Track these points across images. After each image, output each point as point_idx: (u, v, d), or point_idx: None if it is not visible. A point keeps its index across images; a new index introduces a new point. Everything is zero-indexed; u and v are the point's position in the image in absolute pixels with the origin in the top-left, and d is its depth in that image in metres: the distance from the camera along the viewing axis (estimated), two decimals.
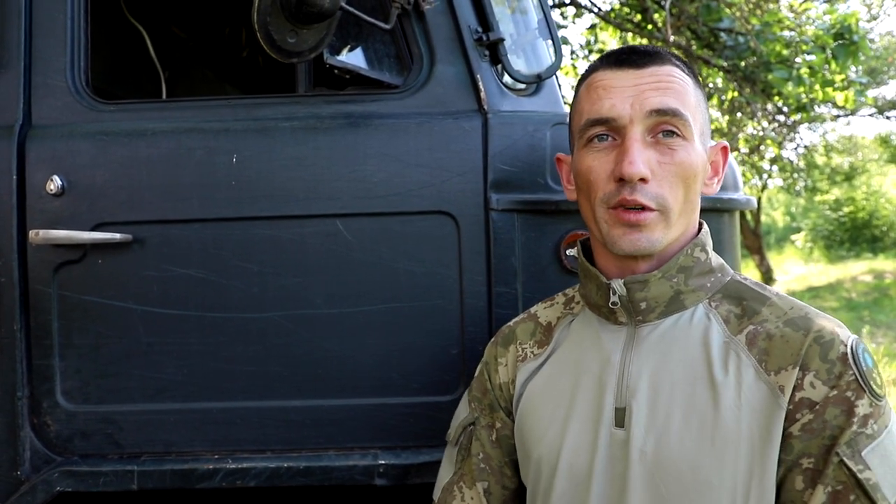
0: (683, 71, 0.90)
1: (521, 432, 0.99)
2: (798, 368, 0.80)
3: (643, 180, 0.86)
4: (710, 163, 0.93)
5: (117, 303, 1.29)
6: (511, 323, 1.11)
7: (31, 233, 1.21)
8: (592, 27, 7.03)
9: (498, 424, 1.04)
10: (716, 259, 0.93)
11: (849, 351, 0.80)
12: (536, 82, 1.38)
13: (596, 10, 6.32)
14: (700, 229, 0.94)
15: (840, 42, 4.79)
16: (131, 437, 1.30)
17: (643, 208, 0.86)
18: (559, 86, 1.67)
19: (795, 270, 12.26)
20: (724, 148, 0.96)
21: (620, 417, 0.87)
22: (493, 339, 1.12)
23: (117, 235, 1.27)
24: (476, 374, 1.12)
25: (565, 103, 1.49)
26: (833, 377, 0.79)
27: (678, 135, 0.86)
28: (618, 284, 0.89)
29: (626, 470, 0.84)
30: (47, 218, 1.27)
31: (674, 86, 0.87)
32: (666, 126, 0.86)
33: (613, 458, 0.86)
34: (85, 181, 1.28)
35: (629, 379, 0.88)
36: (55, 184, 1.26)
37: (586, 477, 0.88)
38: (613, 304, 0.90)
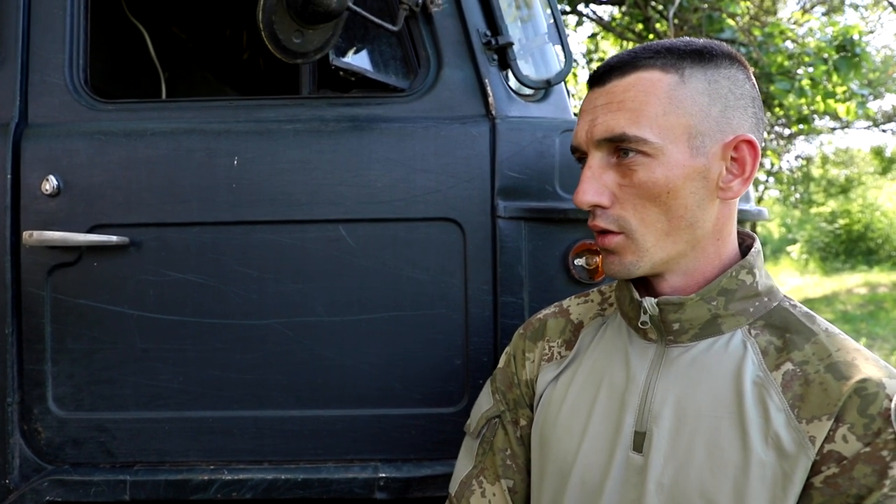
0: (657, 70, 0.81)
1: (538, 435, 0.95)
2: (832, 420, 0.74)
3: (601, 206, 0.84)
4: (730, 160, 0.82)
5: (112, 307, 1.26)
6: (541, 315, 1.05)
7: (25, 234, 1.18)
8: (593, 36, 7.04)
9: (523, 422, 1.00)
10: (764, 283, 0.86)
11: (893, 407, 0.72)
12: (545, 88, 1.36)
13: (597, 18, 6.33)
14: (752, 246, 0.88)
15: (842, 54, 4.79)
16: (124, 445, 1.26)
17: (607, 232, 0.85)
18: (568, 92, 1.65)
19: (791, 282, 12.24)
20: (747, 142, 0.82)
21: (639, 442, 0.83)
22: (520, 330, 1.06)
23: (114, 238, 1.23)
24: (501, 364, 1.06)
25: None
26: (870, 433, 0.72)
27: (638, 152, 0.81)
28: (650, 304, 0.85)
29: (640, 498, 0.81)
30: (42, 219, 1.24)
31: (627, 103, 0.81)
32: (621, 147, 0.82)
33: (628, 482, 0.83)
34: (82, 182, 1.25)
35: (653, 402, 0.83)
36: (51, 184, 1.23)
37: (596, 495, 0.85)
38: (643, 323, 0.86)
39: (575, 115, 1.43)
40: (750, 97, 0.84)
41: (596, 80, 0.86)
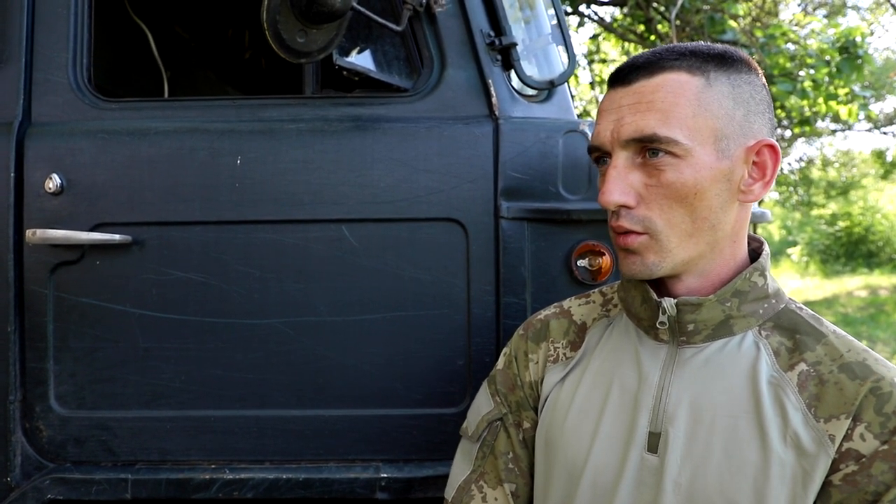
0: (684, 72, 0.82)
1: (545, 437, 0.95)
2: (850, 419, 0.76)
3: (626, 206, 0.84)
4: (751, 164, 0.83)
5: (115, 306, 1.26)
6: (542, 316, 1.05)
7: (28, 232, 1.18)
8: (595, 37, 7.04)
9: (526, 424, 1.00)
10: (773, 285, 0.87)
11: None
12: (549, 88, 1.36)
13: (598, 19, 6.33)
14: (759, 249, 0.90)
15: (845, 56, 4.79)
16: (126, 444, 1.27)
17: (631, 232, 0.85)
18: (571, 93, 1.65)
19: (791, 284, 12.24)
20: (769, 146, 0.83)
21: (654, 443, 0.83)
22: (520, 331, 1.05)
23: (116, 236, 1.23)
24: (500, 365, 1.06)
25: (584, 115, 1.47)
26: (887, 431, 0.74)
27: (667, 153, 0.81)
28: (669, 304, 0.85)
29: (656, 498, 0.81)
30: (45, 217, 1.24)
31: (656, 104, 0.81)
32: (650, 147, 0.82)
33: (642, 483, 0.83)
34: (85, 180, 1.25)
35: (667, 403, 0.83)
36: (54, 182, 1.23)
37: (609, 496, 0.84)
38: (661, 323, 0.86)
39: (579, 115, 1.43)
40: (766, 102, 0.86)
41: (620, 79, 0.86)
